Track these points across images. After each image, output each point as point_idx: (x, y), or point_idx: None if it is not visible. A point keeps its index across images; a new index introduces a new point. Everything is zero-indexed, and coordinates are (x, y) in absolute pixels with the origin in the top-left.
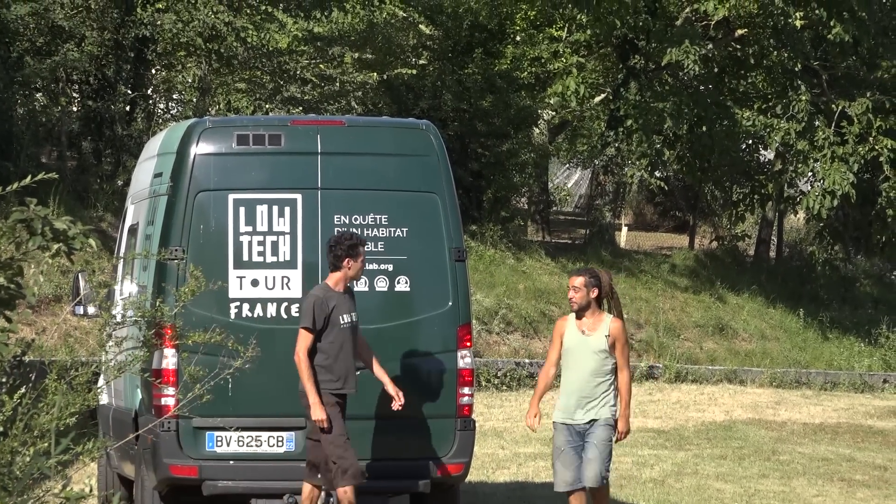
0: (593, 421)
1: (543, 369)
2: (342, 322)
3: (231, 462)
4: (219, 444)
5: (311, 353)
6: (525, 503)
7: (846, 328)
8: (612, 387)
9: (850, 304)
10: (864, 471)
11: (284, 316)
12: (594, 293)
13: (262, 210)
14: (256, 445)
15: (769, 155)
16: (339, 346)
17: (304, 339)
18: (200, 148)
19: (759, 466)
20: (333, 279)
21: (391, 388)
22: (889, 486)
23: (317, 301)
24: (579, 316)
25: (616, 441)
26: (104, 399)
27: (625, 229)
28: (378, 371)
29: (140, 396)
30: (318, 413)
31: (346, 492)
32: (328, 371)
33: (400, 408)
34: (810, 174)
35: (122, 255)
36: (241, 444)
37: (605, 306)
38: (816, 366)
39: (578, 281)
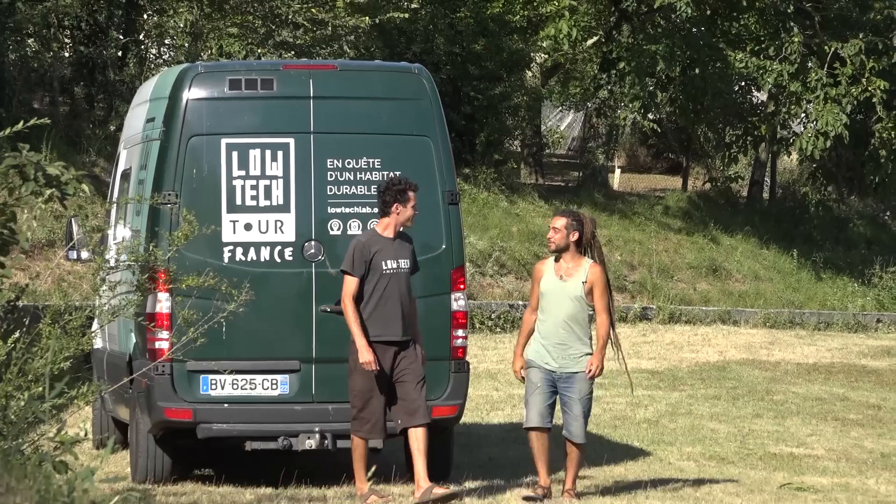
0: (572, 374)
1: (526, 315)
2: (384, 268)
3: (225, 405)
4: (213, 387)
5: (359, 298)
6: (520, 444)
7: (839, 268)
8: (589, 335)
9: (843, 245)
10: (857, 410)
11: (278, 259)
12: (574, 237)
13: (254, 154)
14: (251, 388)
15: (762, 96)
16: (381, 292)
17: (347, 284)
18: (193, 93)
19: (752, 406)
20: (382, 224)
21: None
22: (882, 424)
23: (357, 246)
24: (557, 259)
25: (589, 377)
26: (98, 343)
27: (618, 171)
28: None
29: (134, 340)
30: (364, 355)
31: (356, 441)
32: (367, 317)
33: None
34: (803, 115)
35: (115, 199)
36: (235, 387)
37: (586, 253)
38: (810, 306)
39: (560, 222)
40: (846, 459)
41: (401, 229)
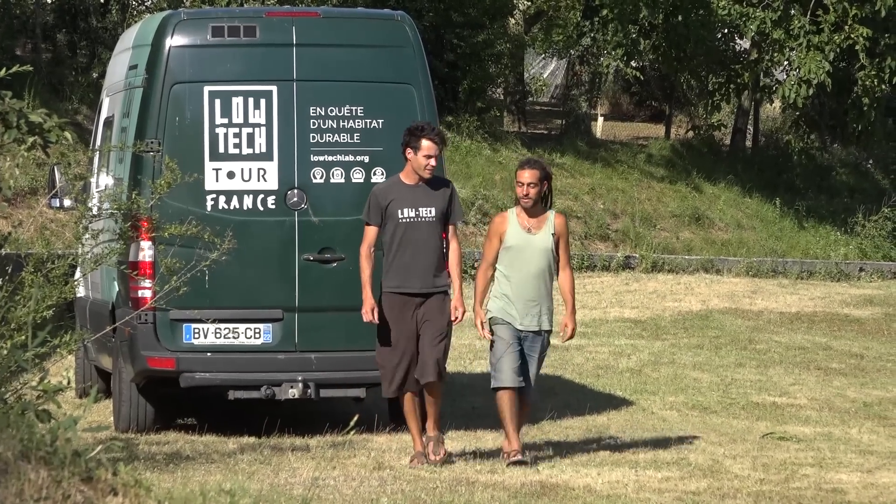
0: (537, 333)
1: (481, 271)
2: (400, 216)
3: (208, 354)
4: (196, 335)
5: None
6: None
7: (822, 217)
8: (552, 289)
9: (826, 193)
10: (840, 359)
11: (261, 207)
12: (545, 186)
13: (237, 102)
14: (234, 337)
15: (745, 44)
16: (398, 241)
17: (366, 234)
18: (175, 40)
19: (735, 355)
20: (405, 171)
21: (457, 299)
22: (865, 374)
23: (373, 193)
24: (526, 213)
25: (564, 341)
26: (81, 292)
27: (601, 119)
28: (455, 280)
29: (117, 289)
30: (365, 311)
31: (406, 398)
32: (386, 268)
33: (454, 320)
34: (786, 63)
35: (97, 147)
36: (218, 335)
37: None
38: (793, 255)
39: (532, 175)
40: (829, 409)
41: (428, 176)
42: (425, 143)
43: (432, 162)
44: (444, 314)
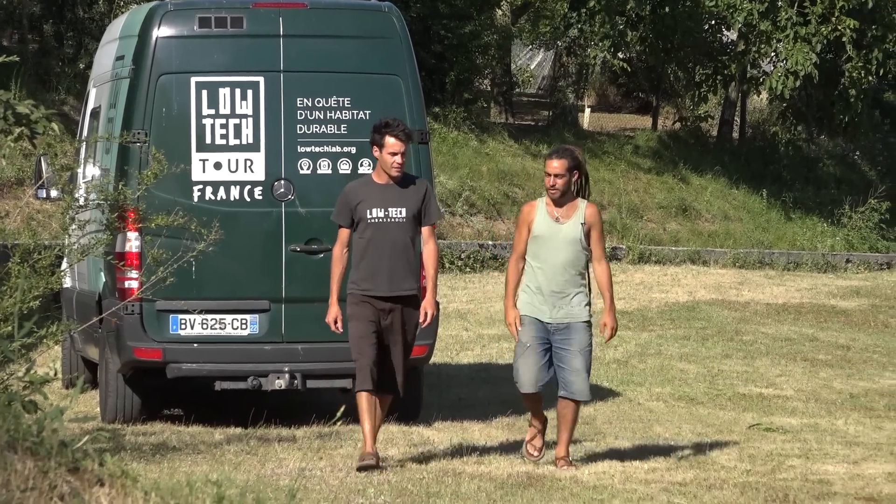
0: (570, 324)
1: (511, 262)
2: (369, 217)
3: (195, 345)
4: (182, 326)
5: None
6: (489, 384)
7: (809, 208)
8: (586, 281)
9: (812, 185)
10: (826, 350)
11: (247, 199)
12: (575, 176)
13: (224, 93)
14: (220, 328)
15: (732, 35)
16: (367, 242)
17: (338, 235)
18: (162, 31)
19: (722, 347)
20: (376, 170)
21: (427, 301)
22: (851, 365)
23: (343, 193)
24: (555, 203)
25: (607, 340)
26: (67, 282)
27: (588, 110)
28: (428, 282)
29: (103, 280)
30: (329, 320)
31: (360, 396)
32: (355, 269)
33: (422, 323)
34: (773, 54)
35: (84, 138)
36: (204, 326)
37: (574, 188)
38: (779, 246)
39: (560, 165)
40: (815, 400)
41: (396, 174)
42: (389, 139)
43: (398, 159)
44: (409, 324)
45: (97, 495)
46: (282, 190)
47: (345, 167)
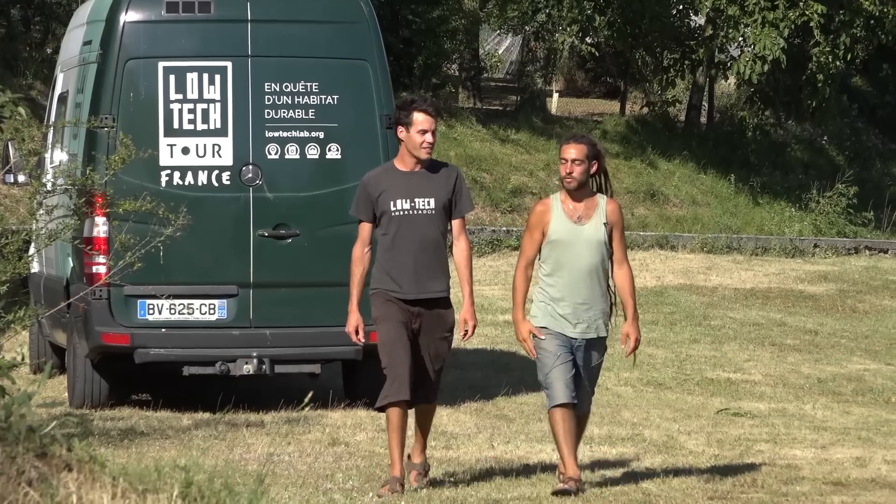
0: (593, 340)
1: (519, 270)
2: (393, 209)
3: (163, 330)
4: (150, 311)
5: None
6: (457, 369)
7: (777, 193)
8: (607, 288)
9: (780, 169)
10: (794, 335)
11: (215, 184)
12: (594, 168)
13: (192, 78)
14: (188, 313)
15: (700, 20)
16: (391, 239)
17: (359, 231)
18: (130, 15)
19: (690, 332)
20: (398, 155)
21: (466, 311)
22: (819, 350)
23: (362, 183)
24: (571, 198)
25: (628, 354)
26: (35, 267)
27: (556, 95)
28: (464, 286)
29: (71, 265)
30: (349, 330)
31: (392, 411)
32: (380, 268)
33: (463, 336)
34: (741, 39)
35: (52, 123)
36: (172, 311)
37: (601, 189)
38: (747, 231)
39: (578, 151)
40: (783, 385)
41: (423, 158)
42: (419, 116)
43: (428, 138)
44: (441, 329)
45: (65, 480)
46: (250, 175)
47: (313, 152)
